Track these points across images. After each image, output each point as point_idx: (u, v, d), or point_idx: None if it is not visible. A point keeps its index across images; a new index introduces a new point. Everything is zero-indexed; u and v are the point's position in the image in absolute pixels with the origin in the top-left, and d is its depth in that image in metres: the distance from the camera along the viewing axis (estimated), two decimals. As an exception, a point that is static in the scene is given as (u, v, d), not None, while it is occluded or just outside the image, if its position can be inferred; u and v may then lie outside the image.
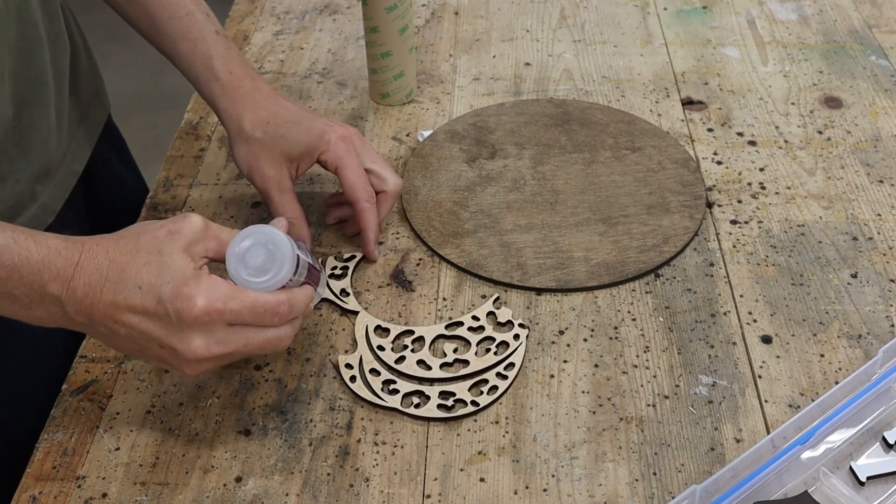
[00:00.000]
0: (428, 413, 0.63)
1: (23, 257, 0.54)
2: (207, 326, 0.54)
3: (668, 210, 0.79)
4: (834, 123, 0.89)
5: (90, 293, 0.54)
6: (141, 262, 0.55)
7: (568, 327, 0.70)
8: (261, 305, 0.56)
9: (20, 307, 0.55)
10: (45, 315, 0.56)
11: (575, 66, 0.98)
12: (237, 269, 0.57)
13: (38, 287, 0.54)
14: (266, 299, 0.56)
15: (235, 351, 0.56)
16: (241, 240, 0.58)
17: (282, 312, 0.57)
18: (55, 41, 0.72)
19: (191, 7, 0.75)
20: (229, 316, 0.55)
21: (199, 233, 0.57)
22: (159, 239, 0.56)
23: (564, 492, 0.59)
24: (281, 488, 0.60)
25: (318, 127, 0.72)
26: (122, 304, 0.54)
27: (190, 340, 0.54)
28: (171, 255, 0.55)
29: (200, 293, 0.54)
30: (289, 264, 0.58)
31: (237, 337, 0.56)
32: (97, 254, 0.55)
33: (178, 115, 0.96)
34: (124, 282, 0.54)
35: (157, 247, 0.55)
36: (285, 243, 0.58)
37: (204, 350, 0.55)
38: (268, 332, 0.57)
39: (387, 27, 0.87)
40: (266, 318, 0.56)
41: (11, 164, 0.68)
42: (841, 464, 0.60)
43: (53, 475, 0.61)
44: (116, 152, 0.90)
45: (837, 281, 0.73)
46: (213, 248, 0.57)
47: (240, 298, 0.55)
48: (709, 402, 0.64)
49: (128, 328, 0.55)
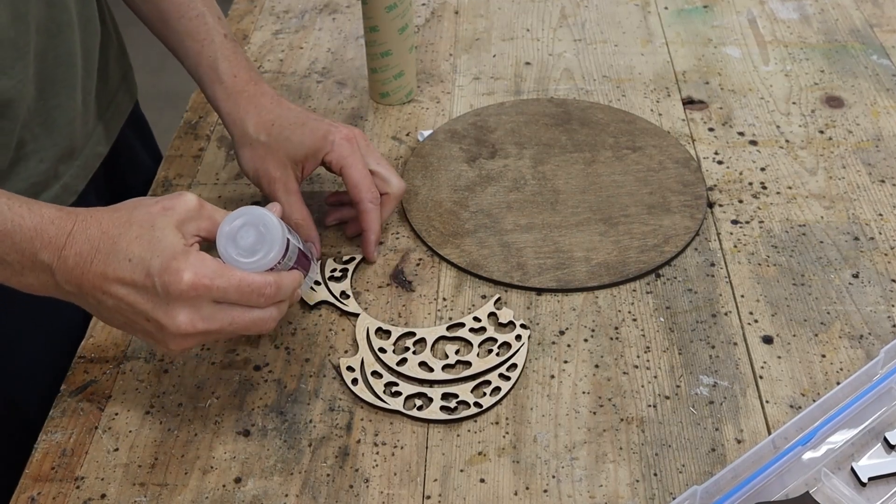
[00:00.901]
0: (431, 415, 0.63)
1: (16, 224, 0.55)
2: (193, 302, 0.55)
3: (668, 210, 0.78)
4: (835, 123, 0.89)
5: (80, 263, 0.55)
6: (133, 235, 0.55)
7: (568, 327, 0.70)
8: (247, 285, 0.56)
9: (11, 273, 0.56)
10: (35, 282, 0.57)
11: (575, 65, 0.98)
12: (227, 248, 0.58)
13: (30, 254, 0.55)
14: (253, 279, 0.56)
15: (220, 329, 0.56)
16: (233, 219, 0.58)
17: (268, 294, 0.57)
18: (86, 25, 0.73)
19: (202, 9, 0.76)
20: (216, 293, 0.55)
21: (192, 211, 0.57)
22: (153, 214, 0.56)
23: (565, 492, 0.59)
24: (280, 489, 0.60)
25: (322, 128, 0.72)
26: (111, 275, 0.55)
27: (175, 315, 0.55)
28: (163, 230, 0.55)
29: (188, 268, 0.54)
30: (278, 247, 0.58)
31: (223, 315, 0.56)
32: (90, 225, 0.56)
33: (177, 114, 0.96)
34: (115, 253, 0.55)
35: (149, 221, 0.56)
36: (276, 226, 0.58)
37: (188, 325, 0.55)
38: (253, 312, 0.57)
39: (386, 26, 0.87)
40: (252, 298, 0.57)
41: (36, 143, 0.69)
42: (842, 464, 0.60)
43: (52, 476, 0.61)
44: (141, 139, 0.91)
45: (839, 281, 0.73)
46: (205, 227, 0.58)
47: (227, 276, 0.55)
48: (710, 402, 0.64)
49: (116, 300, 0.56)
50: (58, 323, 0.73)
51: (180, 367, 0.67)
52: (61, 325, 0.73)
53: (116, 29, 0.83)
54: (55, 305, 0.74)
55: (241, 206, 0.61)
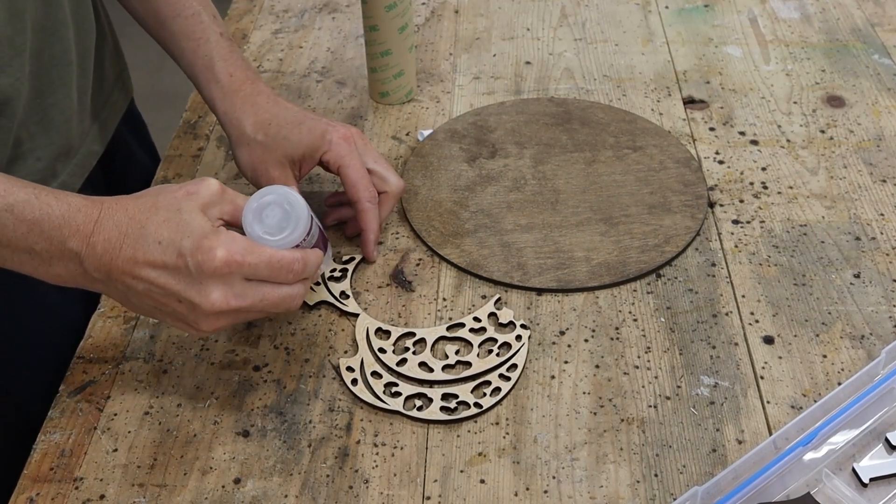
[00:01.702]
0: (431, 416, 0.63)
1: (44, 212, 0.56)
2: (226, 279, 0.56)
3: (669, 210, 0.78)
4: (836, 123, 0.88)
5: (109, 249, 0.56)
6: (160, 219, 0.56)
7: (569, 328, 0.69)
8: (277, 261, 0.57)
9: (40, 263, 0.57)
10: (63, 272, 0.57)
11: (576, 64, 0.98)
12: (253, 226, 0.59)
13: (58, 242, 0.56)
14: (283, 255, 0.58)
15: (252, 305, 0.57)
16: (259, 198, 0.60)
17: (296, 269, 0.58)
18: (81, 23, 0.73)
19: (197, 8, 0.75)
20: (247, 269, 0.56)
21: (216, 195, 0.58)
22: (177, 198, 0.57)
23: (565, 493, 0.59)
24: (280, 490, 0.60)
25: (319, 127, 0.72)
26: (140, 259, 0.56)
27: (209, 292, 0.56)
28: (190, 213, 0.56)
29: (220, 245, 0.55)
30: (304, 224, 0.60)
31: (254, 291, 0.57)
32: (116, 211, 0.57)
33: (176, 114, 0.96)
34: (144, 237, 0.56)
35: (175, 205, 0.57)
36: (301, 204, 0.60)
37: (222, 302, 0.56)
38: (282, 288, 0.58)
39: (386, 26, 0.87)
40: (282, 274, 0.58)
41: (32, 142, 0.70)
42: (843, 465, 0.60)
43: (51, 476, 0.60)
44: (137, 138, 0.91)
45: (840, 281, 0.72)
46: (228, 210, 0.59)
47: (258, 252, 0.57)
48: (710, 403, 0.64)
49: (146, 283, 0.56)
50: (57, 323, 0.73)
51: (179, 368, 0.67)
52: (61, 325, 0.73)
53: (111, 27, 0.83)
54: (55, 305, 0.74)
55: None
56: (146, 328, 0.70)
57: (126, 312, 0.72)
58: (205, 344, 0.69)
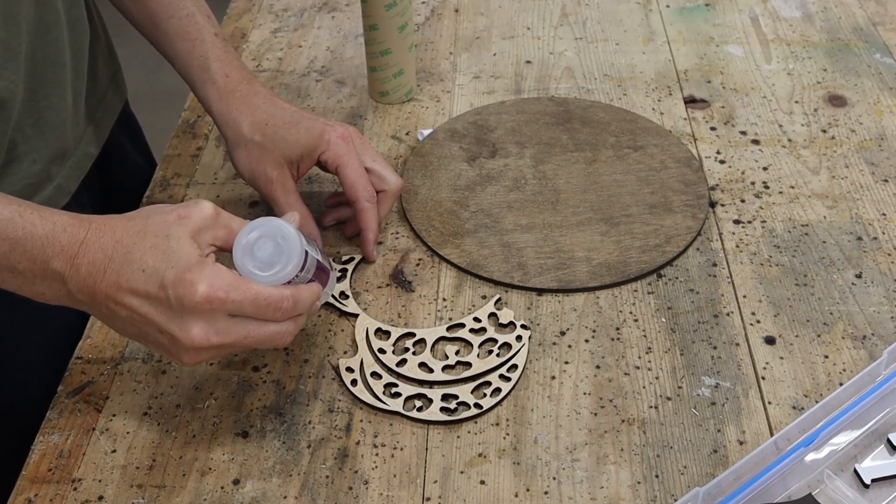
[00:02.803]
0: (430, 416, 0.63)
1: (27, 231, 0.54)
2: (208, 315, 0.54)
3: (670, 209, 0.78)
4: (838, 122, 0.88)
5: (93, 272, 0.54)
6: (147, 245, 0.54)
7: (569, 328, 0.69)
8: (264, 299, 0.55)
9: (23, 282, 0.56)
10: (48, 291, 0.56)
11: (576, 63, 0.97)
12: (243, 261, 0.56)
13: (42, 262, 0.54)
14: (270, 293, 0.55)
15: (235, 342, 0.55)
16: (250, 231, 0.57)
17: (285, 308, 0.56)
18: (75, 24, 0.73)
19: (191, 8, 0.75)
20: (231, 306, 0.54)
21: (208, 220, 0.56)
22: (168, 223, 0.55)
23: (566, 494, 0.59)
24: (279, 491, 0.59)
25: (317, 127, 0.71)
26: (124, 285, 0.54)
27: (189, 328, 0.54)
28: (179, 239, 0.54)
29: (203, 280, 0.53)
30: (296, 259, 0.56)
31: (237, 328, 0.55)
32: (104, 233, 0.55)
33: (174, 113, 0.96)
34: (128, 263, 0.54)
35: (164, 230, 0.55)
36: (294, 238, 0.57)
37: (202, 338, 0.54)
38: (269, 326, 0.56)
39: (386, 25, 0.86)
40: (268, 313, 0.55)
41: (28, 144, 0.69)
42: (845, 466, 0.60)
43: (49, 478, 0.60)
44: (131, 139, 0.91)
45: (842, 281, 0.72)
46: (221, 236, 0.57)
47: (243, 289, 0.54)
48: (712, 403, 0.64)
49: (128, 310, 0.55)
50: (55, 323, 0.73)
51: (178, 368, 0.67)
52: (59, 326, 0.73)
53: (104, 29, 0.83)
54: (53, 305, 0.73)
55: (239, 205, 0.60)
56: (145, 328, 0.70)
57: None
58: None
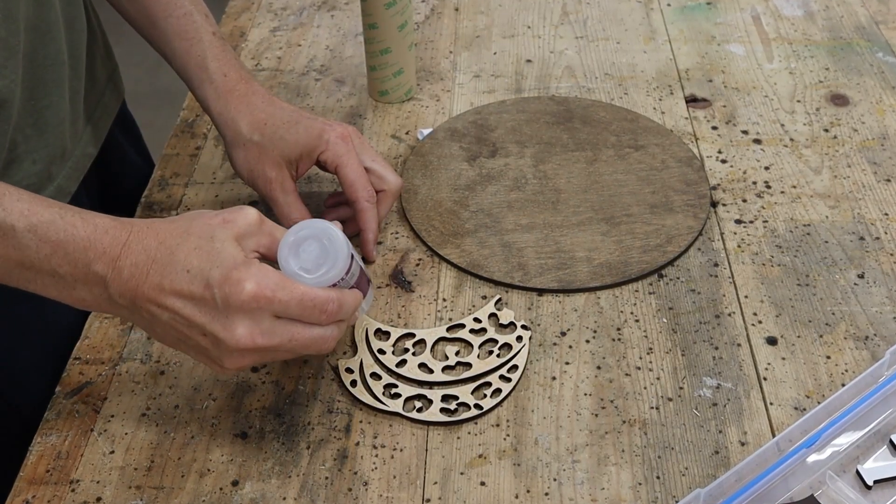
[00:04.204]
0: (430, 417, 0.63)
1: (69, 234, 0.53)
2: (254, 314, 0.53)
3: (671, 209, 0.78)
4: (840, 121, 0.88)
5: (136, 274, 0.53)
6: (191, 246, 0.54)
7: (570, 328, 0.69)
8: (310, 300, 0.54)
9: (63, 286, 0.55)
10: (87, 297, 0.55)
11: (577, 62, 0.97)
12: (288, 261, 0.55)
13: (83, 265, 0.54)
14: (316, 294, 0.54)
15: (279, 345, 0.54)
16: (297, 231, 0.56)
17: (330, 310, 0.55)
18: (73, 23, 0.72)
19: (189, 7, 0.75)
20: (277, 306, 0.53)
21: (253, 226, 0.55)
22: (212, 226, 0.55)
23: (566, 496, 0.58)
24: (278, 492, 0.59)
25: (316, 127, 0.71)
26: (167, 287, 0.53)
27: (234, 328, 0.53)
28: (223, 241, 0.54)
29: (250, 278, 0.52)
30: (342, 262, 0.56)
31: (283, 330, 0.54)
32: (146, 235, 0.54)
33: (173, 112, 0.96)
34: (172, 264, 0.53)
35: (209, 233, 0.54)
36: (341, 240, 0.56)
37: (247, 339, 0.53)
38: (314, 329, 0.55)
39: (386, 23, 0.86)
40: (314, 315, 0.54)
41: (27, 144, 0.69)
42: (847, 467, 0.59)
43: (47, 479, 0.60)
44: (129, 139, 0.91)
45: (844, 281, 0.72)
46: (265, 243, 0.56)
47: (290, 289, 0.53)
48: (713, 404, 0.63)
49: (171, 313, 0.54)
50: (55, 324, 0.72)
51: (177, 369, 0.67)
52: (59, 327, 0.72)
53: (101, 29, 0.82)
54: (51, 306, 0.73)
55: (238, 205, 0.60)
56: (143, 329, 0.70)
57: (123, 313, 0.71)
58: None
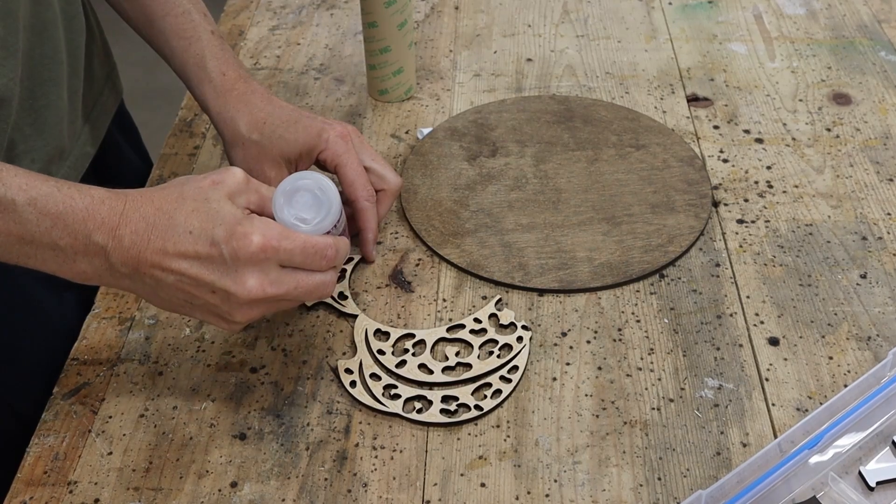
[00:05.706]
0: (430, 418, 0.62)
1: (67, 205, 0.54)
2: (262, 265, 0.55)
3: (673, 209, 0.77)
4: (843, 120, 0.87)
5: (137, 241, 0.55)
6: (189, 209, 0.55)
7: (571, 329, 0.68)
8: (311, 246, 0.57)
9: (64, 259, 0.55)
10: (88, 268, 0.56)
11: (578, 61, 0.96)
12: (284, 210, 0.58)
13: (83, 236, 0.54)
14: (317, 241, 0.57)
15: (287, 293, 0.56)
16: (291, 182, 0.59)
17: (329, 256, 0.58)
18: (71, 22, 0.72)
19: (187, 6, 0.75)
20: (283, 255, 0.55)
21: (241, 184, 0.57)
22: (203, 188, 0.56)
23: (567, 497, 0.58)
24: (277, 493, 0.59)
25: (315, 126, 0.71)
26: (171, 250, 0.55)
27: (245, 279, 0.55)
28: (218, 201, 0.56)
29: (255, 231, 0.55)
30: (336, 209, 0.59)
31: (289, 278, 0.56)
32: (142, 203, 0.56)
33: (171, 112, 0.95)
34: (173, 228, 0.55)
35: (202, 195, 0.56)
36: (333, 189, 0.59)
37: (258, 289, 0.55)
38: (315, 276, 0.58)
39: (385, 22, 0.86)
40: (315, 261, 0.57)
41: (26, 143, 0.69)
42: (850, 468, 0.59)
43: (44, 480, 0.60)
44: (128, 138, 0.91)
45: (846, 282, 0.71)
46: (254, 200, 0.58)
47: (293, 238, 0.56)
48: (715, 405, 0.63)
49: (177, 275, 0.55)
50: (51, 324, 0.72)
51: (175, 370, 0.66)
52: (55, 327, 0.72)
53: (100, 27, 0.82)
54: (49, 306, 0.73)
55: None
56: (141, 330, 0.69)
57: (121, 313, 0.71)
58: (201, 346, 0.68)
